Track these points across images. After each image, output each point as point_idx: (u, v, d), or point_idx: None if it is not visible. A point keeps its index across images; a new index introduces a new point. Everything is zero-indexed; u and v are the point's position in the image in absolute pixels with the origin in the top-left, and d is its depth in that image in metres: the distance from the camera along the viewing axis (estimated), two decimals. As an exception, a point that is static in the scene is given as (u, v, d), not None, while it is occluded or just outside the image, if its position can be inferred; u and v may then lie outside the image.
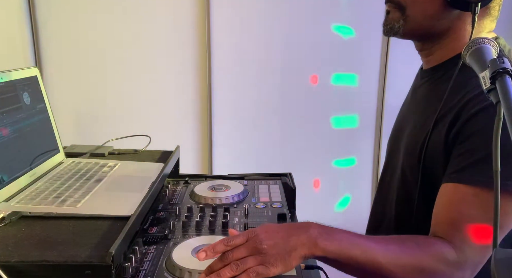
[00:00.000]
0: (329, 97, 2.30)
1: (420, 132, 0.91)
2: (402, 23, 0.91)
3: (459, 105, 0.83)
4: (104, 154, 1.30)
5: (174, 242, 0.86)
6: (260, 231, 0.74)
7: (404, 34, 0.93)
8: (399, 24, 0.92)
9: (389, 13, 0.94)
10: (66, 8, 2.09)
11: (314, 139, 2.32)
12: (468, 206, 0.79)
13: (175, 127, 2.27)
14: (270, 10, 2.19)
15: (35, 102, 1.11)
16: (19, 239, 0.77)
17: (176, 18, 2.15)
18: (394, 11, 0.92)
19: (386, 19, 0.95)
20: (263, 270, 0.70)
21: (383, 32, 0.96)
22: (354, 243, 0.76)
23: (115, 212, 0.87)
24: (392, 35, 0.95)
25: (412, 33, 0.93)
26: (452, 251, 0.77)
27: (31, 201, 0.92)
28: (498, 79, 0.58)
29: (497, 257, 0.45)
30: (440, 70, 0.95)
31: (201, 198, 1.06)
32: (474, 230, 0.78)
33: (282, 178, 1.21)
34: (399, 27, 0.92)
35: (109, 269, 0.68)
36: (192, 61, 2.21)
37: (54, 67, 2.13)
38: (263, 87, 2.27)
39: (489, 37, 0.72)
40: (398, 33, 0.93)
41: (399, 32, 0.93)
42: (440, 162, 0.86)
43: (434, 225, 0.83)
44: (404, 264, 0.76)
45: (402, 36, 0.94)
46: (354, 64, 2.30)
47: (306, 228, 0.76)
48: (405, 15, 0.91)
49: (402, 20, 0.91)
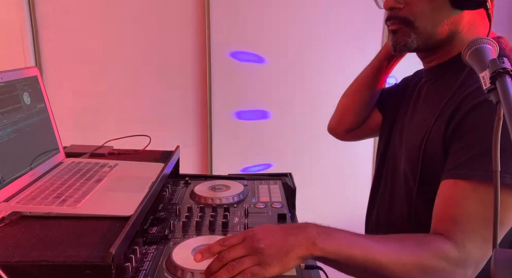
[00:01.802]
0: (329, 98, 2.30)
1: (420, 131, 0.92)
2: (414, 37, 0.90)
3: (456, 103, 0.84)
4: (104, 154, 1.30)
5: (174, 242, 0.86)
6: (258, 231, 0.74)
7: (418, 47, 0.91)
8: (411, 38, 0.90)
9: (397, 31, 0.92)
10: (66, 8, 2.09)
11: (314, 139, 2.33)
12: (467, 201, 0.79)
13: (175, 127, 2.27)
14: (271, 9, 2.19)
15: (35, 102, 1.11)
16: (19, 239, 0.77)
17: (176, 18, 2.15)
18: (402, 27, 0.91)
19: (396, 38, 0.92)
20: (259, 270, 0.70)
21: (395, 51, 0.94)
22: (353, 242, 0.75)
23: (115, 212, 0.87)
24: (406, 51, 0.93)
25: (426, 44, 0.91)
26: (453, 248, 0.77)
27: (31, 201, 0.92)
28: (498, 79, 0.58)
29: (497, 257, 0.45)
30: (441, 69, 0.95)
31: (201, 198, 1.06)
32: (475, 226, 0.78)
33: (282, 178, 1.21)
34: (412, 41, 0.90)
35: (109, 269, 0.68)
36: (192, 61, 2.21)
37: (54, 67, 2.13)
38: (263, 87, 2.28)
39: (489, 37, 0.72)
40: (412, 47, 0.91)
41: (413, 46, 0.91)
42: (439, 158, 0.86)
43: (434, 222, 0.83)
44: (405, 262, 0.76)
45: (415, 49, 0.92)
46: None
47: (304, 228, 0.75)
48: (415, 28, 0.89)
49: (413, 33, 0.90)
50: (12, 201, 0.91)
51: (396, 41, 0.93)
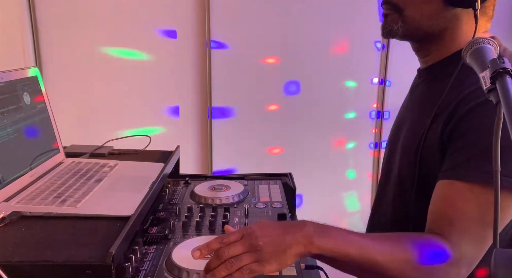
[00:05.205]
0: (328, 98, 2.30)
1: (417, 131, 0.92)
2: (401, 25, 0.92)
3: (454, 103, 0.84)
4: (104, 154, 1.30)
5: (174, 242, 0.86)
6: (256, 228, 0.74)
7: (403, 35, 0.93)
8: (397, 25, 0.92)
9: (387, 16, 0.94)
10: (66, 8, 2.09)
11: (314, 139, 2.33)
12: (463, 202, 0.79)
13: (175, 127, 2.27)
14: (270, 10, 2.19)
15: (35, 102, 1.11)
16: (19, 239, 0.77)
17: (176, 18, 2.15)
18: (392, 13, 0.93)
19: (385, 22, 0.95)
20: (256, 267, 0.71)
21: (382, 35, 0.97)
22: (349, 240, 0.76)
23: (115, 212, 0.87)
24: (391, 37, 0.96)
25: (411, 34, 0.94)
26: (448, 247, 0.77)
27: (31, 201, 0.92)
28: (498, 79, 0.58)
29: (497, 257, 0.45)
30: (436, 69, 0.95)
31: (201, 198, 1.06)
32: (470, 226, 0.78)
33: (282, 178, 1.21)
34: (398, 28, 0.92)
35: (109, 269, 0.68)
36: (192, 61, 2.21)
37: (54, 67, 2.13)
38: (262, 87, 2.28)
39: (489, 37, 0.72)
40: (397, 35, 0.94)
41: (398, 34, 0.93)
42: (436, 159, 0.86)
43: (430, 221, 0.84)
44: (400, 261, 0.76)
45: (401, 37, 0.95)
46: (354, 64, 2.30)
47: (301, 226, 0.76)
48: (403, 16, 0.91)
49: (400, 21, 0.92)
50: (12, 201, 0.91)
51: (384, 25, 0.95)
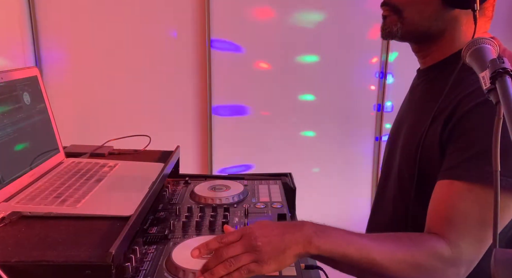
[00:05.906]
0: (328, 98, 2.30)
1: (416, 131, 0.92)
2: (400, 26, 0.92)
3: (453, 103, 0.84)
4: (104, 154, 1.30)
5: (174, 242, 0.86)
6: (255, 228, 0.75)
7: (402, 36, 0.94)
8: (397, 27, 0.93)
9: (386, 18, 0.95)
10: (66, 8, 2.09)
11: (314, 139, 2.33)
12: (463, 202, 0.79)
13: (175, 127, 2.27)
14: (270, 9, 2.19)
15: (35, 102, 1.11)
16: (19, 239, 0.77)
17: (176, 18, 2.15)
18: (391, 14, 0.93)
19: (384, 23, 0.95)
20: (255, 267, 0.71)
21: (382, 36, 0.97)
22: (349, 241, 0.76)
23: (115, 212, 0.87)
24: (390, 38, 0.96)
25: (410, 35, 0.94)
26: (447, 247, 0.78)
27: (31, 201, 0.92)
28: (498, 79, 0.58)
29: (497, 257, 0.44)
30: (435, 69, 0.95)
31: (201, 198, 1.06)
32: (469, 226, 0.78)
33: (282, 178, 1.21)
34: (397, 30, 0.93)
35: (109, 269, 0.68)
36: (192, 61, 2.21)
37: (54, 67, 2.13)
38: (262, 87, 2.28)
39: (488, 38, 0.72)
40: (397, 36, 0.94)
41: (397, 35, 0.93)
42: (436, 159, 0.86)
43: (429, 221, 0.84)
44: (400, 260, 0.76)
45: (400, 38, 0.95)
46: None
47: (300, 226, 0.76)
48: (402, 18, 0.91)
49: (399, 22, 0.92)
50: (12, 201, 0.91)
51: (383, 26, 0.96)
